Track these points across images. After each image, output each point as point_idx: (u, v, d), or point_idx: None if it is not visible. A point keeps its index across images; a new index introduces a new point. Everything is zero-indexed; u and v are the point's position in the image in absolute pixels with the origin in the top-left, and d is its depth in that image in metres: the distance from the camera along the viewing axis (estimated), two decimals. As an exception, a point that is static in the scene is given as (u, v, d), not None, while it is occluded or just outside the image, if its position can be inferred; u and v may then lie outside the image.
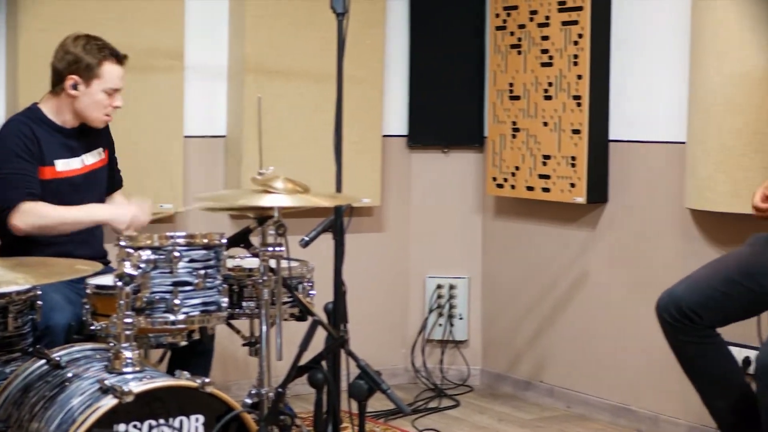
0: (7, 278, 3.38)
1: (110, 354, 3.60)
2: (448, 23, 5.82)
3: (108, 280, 3.82)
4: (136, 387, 3.40)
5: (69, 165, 4.34)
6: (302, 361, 3.86)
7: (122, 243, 3.71)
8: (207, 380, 3.50)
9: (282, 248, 3.89)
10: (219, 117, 5.47)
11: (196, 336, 3.95)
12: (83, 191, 4.34)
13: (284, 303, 4.09)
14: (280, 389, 3.81)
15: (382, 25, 5.69)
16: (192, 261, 3.75)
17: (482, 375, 5.97)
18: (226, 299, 3.85)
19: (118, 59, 4.34)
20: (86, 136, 4.41)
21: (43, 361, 3.67)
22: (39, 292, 3.80)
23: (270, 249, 3.89)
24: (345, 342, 3.93)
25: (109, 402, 3.37)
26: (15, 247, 4.21)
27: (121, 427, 3.40)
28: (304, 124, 5.45)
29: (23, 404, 3.56)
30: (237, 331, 4.35)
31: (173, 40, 5.20)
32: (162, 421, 3.47)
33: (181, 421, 3.50)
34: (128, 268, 3.60)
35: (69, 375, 3.57)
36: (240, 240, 4.02)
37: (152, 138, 5.12)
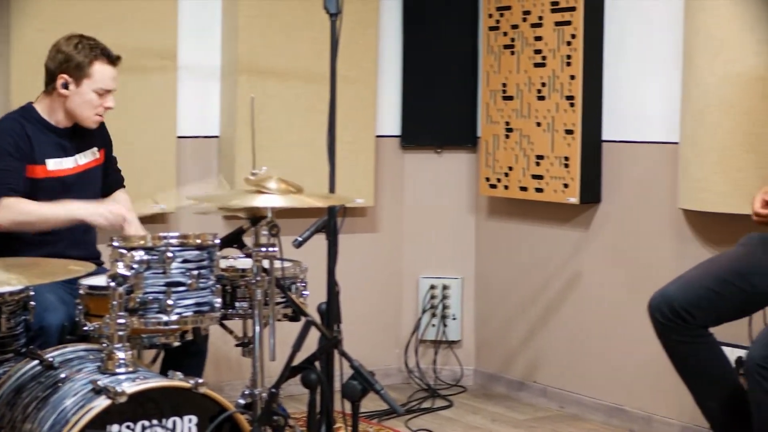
0: (0, 279, 3.38)
1: (103, 354, 3.60)
2: (441, 24, 5.82)
3: (101, 281, 3.81)
4: (129, 387, 3.39)
5: (61, 164, 4.33)
6: (295, 362, 3.86)
7: (115, 243, 3.70)
8: (200, 381, 3.50)
9: (275, 249, 3.89)
10: (212, 117, 5.47)
11: (189, 336, 3.95)
12: (76, 191, 4.33)
13: (277, 303, 4.09)
14: (274, 390, 3.81)
15: (376, 26, 5.69)
16: (185, 261, 3.75)
17: (475, 375, 5.97)
18: (219, 300, 3.85)
19: (110, 59, 4.32)
20: (80, 136, 4.40)
21: (36, 362, 3.67)
22: (32, 293, 3.79)
23: (263, 249, 3.89)
24: (338, 342, 3.93)
25: (102, 403, 3.36)
26: (7, 248, 4.21)
27: (114, 428, 3.39)
28: (298, 125, 5.45)
29: (16, 405, 3.56)
30: (230, 332, 4.34)
31: (166, 41, 5.20)
32: (155, 422, 3.46)
33: (174, 422, 3.50)
34: (121, 269, 3.59)
35: (62, 376, 3.56)
36: (233, 240, 4.02)
37: (145, 138, 5.12)
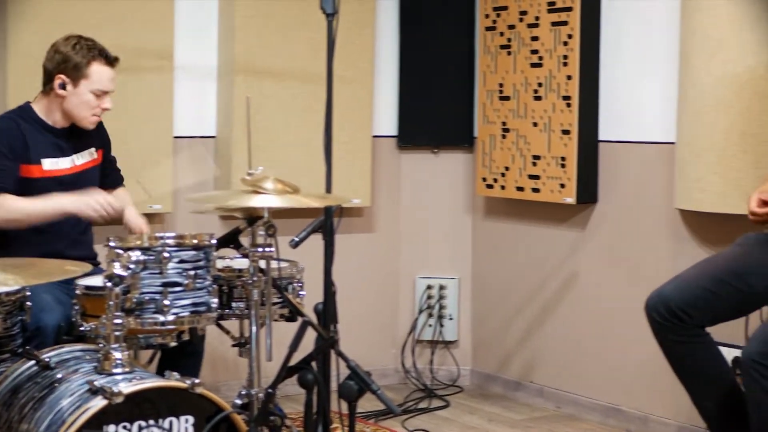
0: (-3, 279, 3.38)
1: (100, 355, 3.60)
2: (438, 24, 5.82)
3: (98, 281, 3.81)
4: (126, 388, 3.39)
5: (57, 164, 4.32)
6: (292, 362, 3.86)
7: (112, 244, 3.70)
8: (197, 381, 3.50)
9: (272, 249, 3.89)
10: (209, 117, 5.47)
11: (186, 337, 3.94)
12: (72, 191, 4.32)
13: (274, 304, 4.08)
14: (270, 390, 3.81)
15: (372, 26, 5.69)
16: (182, 262, 3.75)
17: (472, 375, 5.97)
18: (216, 300, 3.85)
19: (108, 60, 4.31)
20: (77, 137, 4.40)
21: (33, 362, 3.67)
22: (28, 293, 3.78)
23: (260, 249, 3.89)
24: (335, 342, 3.93)
25: (99, 403, 3.36)
26: (4, 247, 4.20)
27: (111, 428, 3.39)
28: (294, 125, 5.45)
29: (12, 405, 3.56)
30: (227, 332, 4.34)
31: (163, 41, 5.20)
32: (152, 422, 3.46)
33: (171, 422, 3.50)
34: (118, 269, 3.59)
35: (58, 376, 3.56)
36: (230, 240, 4.02)
37: (142, 138, 5.11)
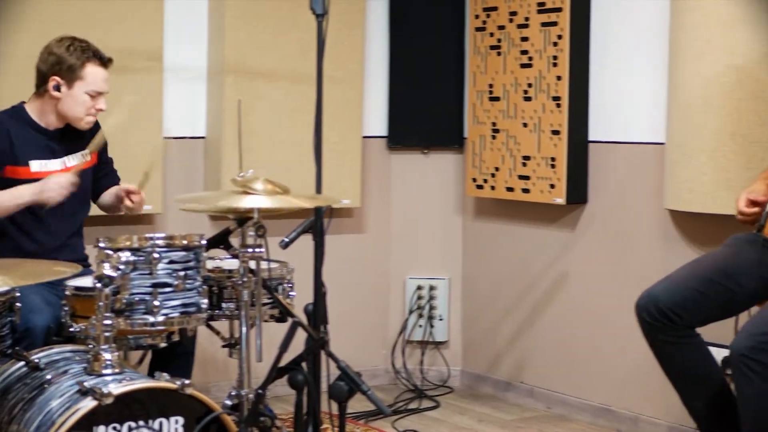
0: (-14, 280, 3.38)
1: (89, 356, 3.60)
2: (428, 24, 5.82)
3: (87, 282, 3.81)
4: (116, 389, 3.39)
5: (47, 166, 4.30)
6: (282, 363, 3.85)
7: (101, 244, 3.70)
8: (186, 382, 3.50)
9: (262, 249, 3.89)
10: (198, 118, 5.46)
11: (176, 338, 3.94)
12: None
13: (264, 304, 4.08)
14: (260, 391, 3.81)
15: (362, 26, 5.69)
16: (171, 262, 3.75)
17: (462, 376, 5.97)
18: (206, 301, 3.85)
19: (102, 61, 4.31)
20: (70, 138, 4.38)
21: (22, 363, 3.66)
22: (18, 294, 3.77)
23: (250, 250, 3.88)
24: (325, 343, 3.92)
25: (89, 404, 3.36)
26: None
27: (101, 429, 3.39)
28: (284, 125, 5.44)
29: (2, 406, 3.55)
30: (217, 333, 4.34)
31: (152, 42, 5.19)
32: (141, 423, 3.46)
33: (161, 423, 3.49)
34: (107, 270, 3.59)
35: (48, 377, 3.56)
36: (220, 241, 4.02)
37: (132, 139, 5.10)
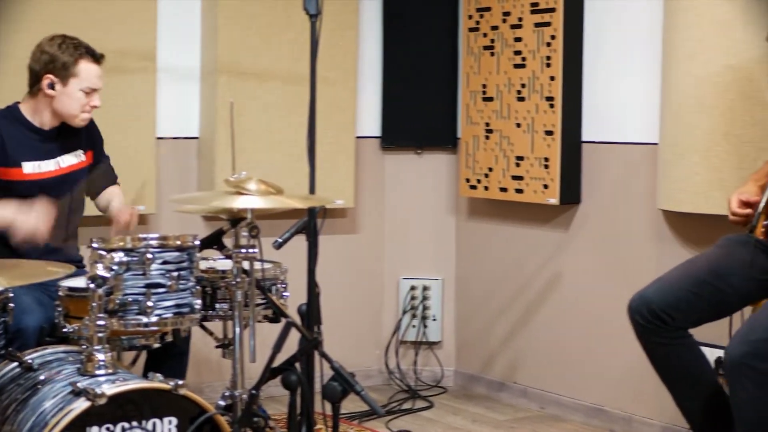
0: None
1: (83, 356, 3.59)
2: (421, 25, 5.82)
3: (80, 282, 3.81)
4: (109, 389, 3.38)
5: (39, 167, 4.30)
6: (276, 363, 3.86)
7: (94, 245, 3.69)
8: (180, 382, 3.49)
9: (255, 250, 3.89)
10: (192, 119, 5.46)
11: (170, 338, 3.93)
12: (55, 193, 4.30)
13: (257, 305, 4.08)
14: (254, 391, 3.81)
15: (356, 27, 5.69)
16: (165, 263, 3.74)
17: (456, 376, 5.97)
18: (199, 301, 3.84)
19: (95, 58, 4.31)
20: (65, 138, 4.37)
21: (15, 364, 3.66)
22: (11, 295, 3.77)
23: (243, 251, 3.88)
24: (319, 344, 3.92)
25: (82, 405, 3.35)
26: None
27: (94, 430, 3.38)
28: (278, 126, 5.44)
29: (-5, 407, 3.55)
30: (210, 333, 4.34)
31: (146, 42, 5.18)
32: (135, 424, 3.45)
33: (154, 424, 3.49)
34: (101, 270, 3.58)
35: (41, 378, 3.55)
36: (213, 242, 4.01)
37: (125, 139, 5.10)
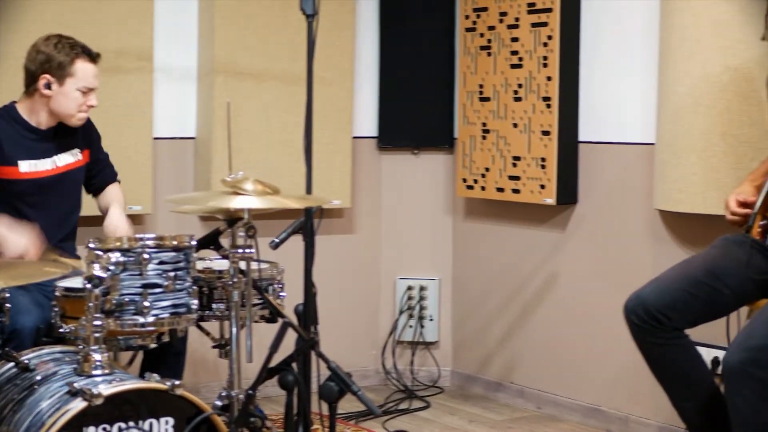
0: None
1: (79, 356, 3.59)
2: (418, 25, 5.82)
3: (77, 283, 3.80)
4: (106, 389, 3.38)
5: (36, 167, 4.29)
6: (273, 363, 3.85)
7: (91, 245, 3.69)
8: (177, 382, 3.49)
9: (252, 250, 3.88)
10: (188, 119, 5.46)
11: (166, 338, 3.93)
12: (50, 192, 4.30)
13: (254, 305, 4.07)
14: (251, 391, 3.81)
15: (352, 27, 5.68)
16: (161, 263, 3.74)
17: (453, 376, 5.97)
18: (196, 301, 3.84)
19: (91, 57, 4.30)
20: (62, 137, 4.37)
21: (12, 364, 3.65)
22: (7, 295, 3.77)
23: (240, 251, 3.88)
24: (315, 344, 3.92)
25: (79, 405, 3.35)
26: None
27: (91, 430, 3.38)
28: (274, 126, 5.44)
29: (-8, 407, 3.55)
30: (207, 333, 4.33)
31: (142, 42, 5.18)
32: (132, 424, 3.45)
33: (151, 424, 3.49)
34: (97, 271, 3.58)
35: (38, 378, 3.55)
36: (210, 242, 4.01)
37: (122, 139, 5.10)
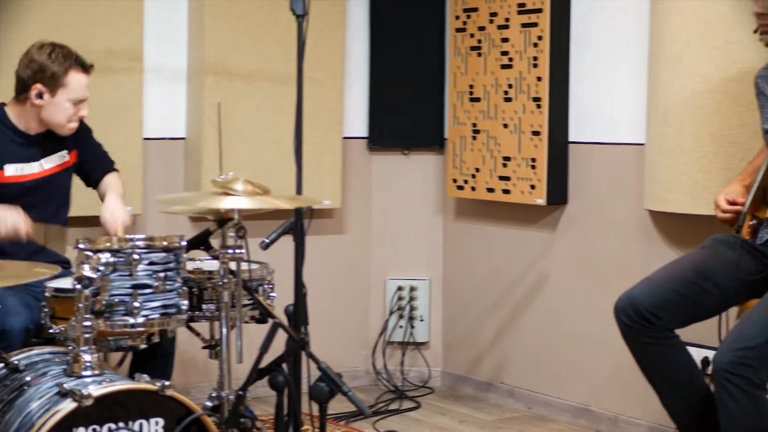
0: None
1: (69, 357, 3.59)
2: (408, 25, 5.82)
3: (67, 283, 3.80)
4: (96, 390, 3.38)
5: (22, 170, 4.28)
6: (263, 364, 3.85)
7: (81, 246, 3.69)
8: (167, 383, 3.49)
9: (242, 250, 3.88)
10: (178, 119, 5.45)
11: (156, 339, 3.93)
12: (36, 195, 4.28)
13: (244, 305, 4.07)
14: (241, 392, 3.81)
15: (342, 27, 5.68)
16: (151, 264, 3.74)
17: (443, 376, 5.97)
18: (186, 302, 3.84)
19: (84, 68, 4.27)
20: (49, 140, 4.35)
21: (2, 365, 3.65)
22: (-3, 296, 3.78)
23: (230, 251, 3.88)
24: (306, 344, 3.92)
25: (68, 406, 3.35)
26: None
27: (81, 431, 3.38)
28: (265, 126, 5.43)
29: (-19, 409, 3.54)
30: (197, 334, 4.33)
31: (132, 42, 5.17)
32: (122, 425, 3.45)
33: (141, 425, 3.49)
34: (87, 271, 3.57)
35: (27, 379, 3.55)
36: (200, 242, 4.01)
37: (111, 139, 5.08)
